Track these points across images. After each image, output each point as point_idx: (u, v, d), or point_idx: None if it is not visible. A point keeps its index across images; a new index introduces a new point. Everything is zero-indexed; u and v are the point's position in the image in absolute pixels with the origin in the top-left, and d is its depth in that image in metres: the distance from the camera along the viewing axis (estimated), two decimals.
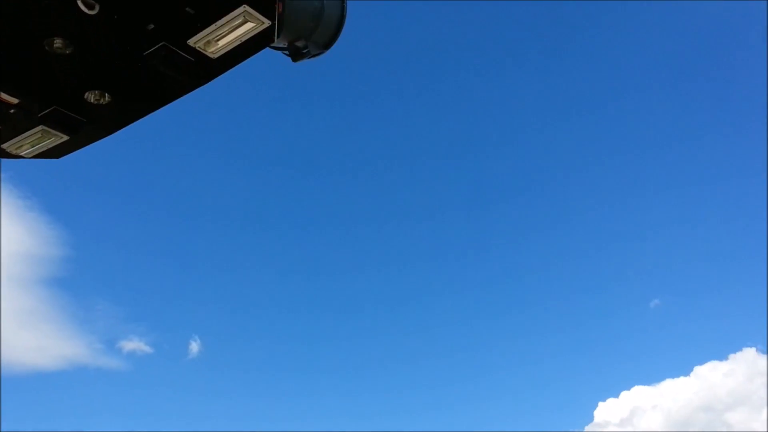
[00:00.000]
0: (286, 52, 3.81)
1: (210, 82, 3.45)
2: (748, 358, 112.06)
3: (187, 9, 3.22)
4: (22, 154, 3.61)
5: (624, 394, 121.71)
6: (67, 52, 3.20)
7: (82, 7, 3.11)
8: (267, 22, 3.36)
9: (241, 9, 3.20)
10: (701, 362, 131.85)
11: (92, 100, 3.32)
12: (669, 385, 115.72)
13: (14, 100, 3.33)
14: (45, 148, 3.58)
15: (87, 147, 3.89)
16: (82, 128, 3.52)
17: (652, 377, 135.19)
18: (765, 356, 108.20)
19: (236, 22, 3.25)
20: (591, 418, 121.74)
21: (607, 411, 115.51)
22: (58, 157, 3.72)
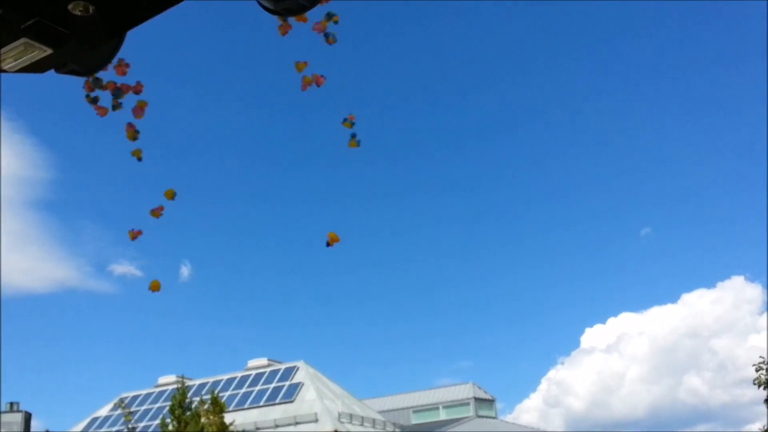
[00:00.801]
0: None
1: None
2: (736, 285, 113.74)
3: None
4: (5, 67, 3.51)
5: (611, 320, 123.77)
6: None
7: None
8: None
9: None
10: (689, 290, 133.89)
11: (77, 12, 3.22)
12: (656, 312, 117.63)
13: None
14: (28, 62, 3.49)
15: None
16: (66, 42, 3.43)
17: (639, 304, 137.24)
18: (753, 284, 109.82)
19: None
20: (578, 344, 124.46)
21: (593, 337, 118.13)
22: (41, 71, 3.63)
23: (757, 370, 10.28)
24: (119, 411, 39.11)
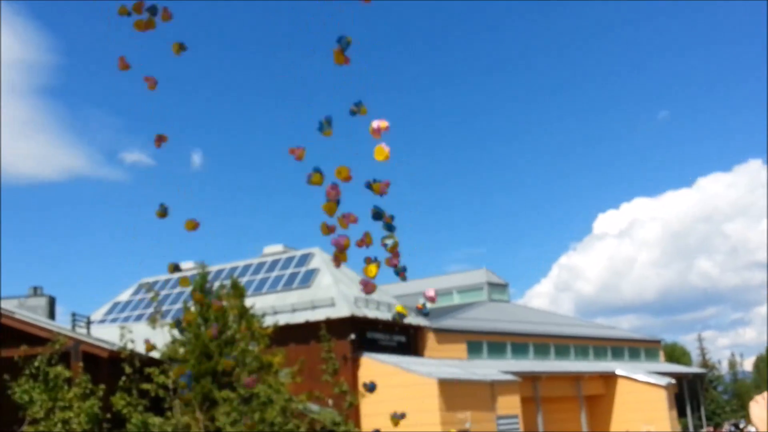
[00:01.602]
0: None
1: None
2: (752, 169, 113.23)
3: None
4: None
5: (624, 205, 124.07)
6: None
7: None
8: None
9: None
10: (705, 174, 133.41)
11: None
12: (670, 196, 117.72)
13: None
14: None
15: None
16: None
17: (653, 189, 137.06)
18: None
19: None
20: (590, 230, 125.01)
21: (606, 222, 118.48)
22: None
23: None
24: (140, 296, 40.02)
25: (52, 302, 28.15)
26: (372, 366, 31.41)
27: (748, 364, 65.21)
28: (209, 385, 17.02)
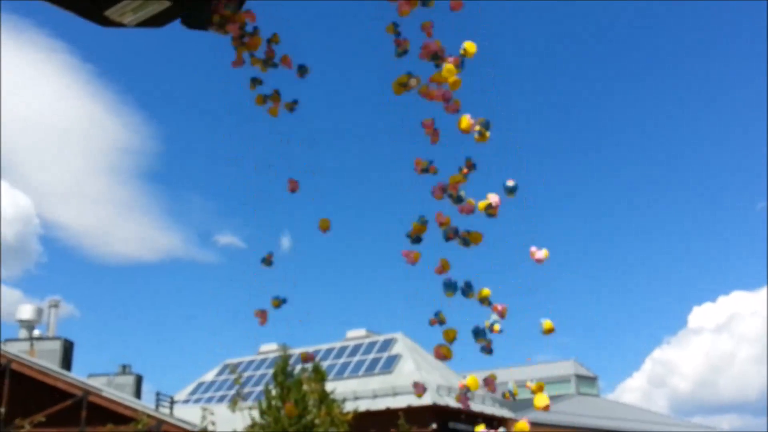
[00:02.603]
0: None
1: None
2: None
3: None
4: (125, 22, 3.41)
5: (721, 298, 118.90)
6: None
7: None
8: None
9: None
10: None
11: None
12: None
13: None
14: (147, 16, 3.40)
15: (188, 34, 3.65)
16: None
17: (752, 283, 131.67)
18: None
19: None
20: (685, 324, 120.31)
21: (702, 316, 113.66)
22: (161, 25, 3.53)
23: None
24: (224, 376, 40.38)
25: (139, 381, 28.70)
26: None
27: None
28: None
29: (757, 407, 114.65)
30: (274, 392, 19.77)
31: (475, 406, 33.48)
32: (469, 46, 3.45)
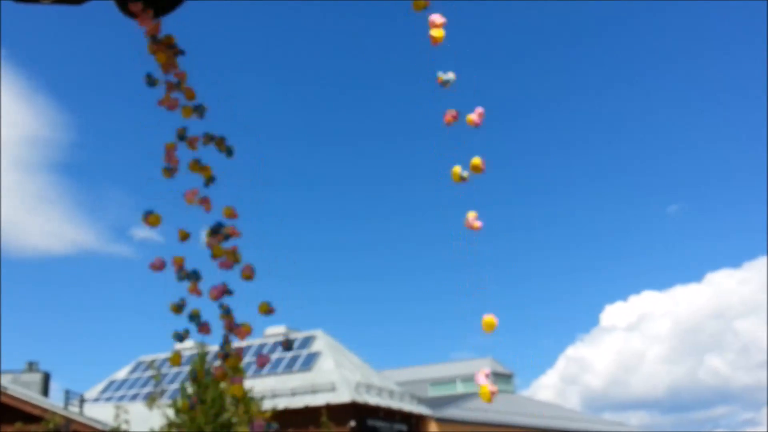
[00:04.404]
0: None
1: None
2: (762, 266, 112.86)
3: None
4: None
5: (632, 298, 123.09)
6: None
7: None
8: None
9: None
10: (714, 269, 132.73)
11: None
12: (680, 291, 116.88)
13: None
14: None
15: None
16: None
17: (662, 283, 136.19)
18: None
19: None
20: (597, 322, 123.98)
21: (614, 315, 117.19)
22: (79, 3, 3.29)
23: None
24: (137, 374, 39.30)
25: (46, 378, 27.61)
26: None
27: None
28: None
29: (665, 404, 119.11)
30: (190, 390, 19.30)
31: (394, 404, 33.56)
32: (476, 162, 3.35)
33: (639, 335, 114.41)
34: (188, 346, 39.46)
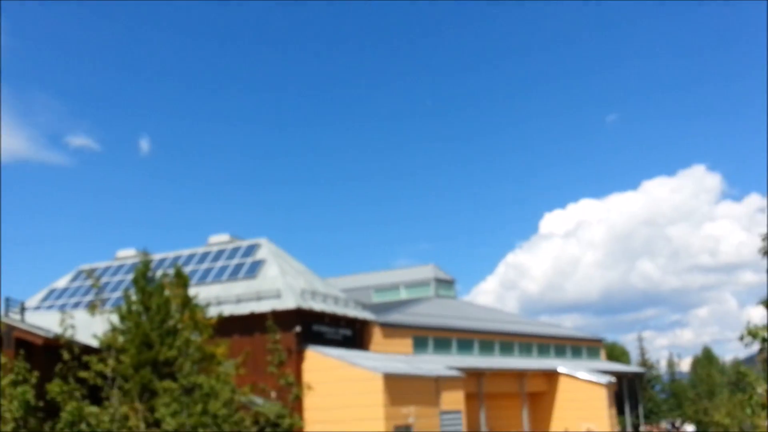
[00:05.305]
0: None
1: None
2: (696, 174, 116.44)
3: None
4: None
5: (571, 206, 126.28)
6: None
7: None
8: None
9: None
10: (650, 177, 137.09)
11: None
12: (616, 198, 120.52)
13: None
14: None
15: None
16: None
17: (600, 191, 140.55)
18: (712, 173, 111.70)
19: None
20: (536, 230, 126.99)
21: (552, 222, 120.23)
22: None
23: (763, 239, 10.24)
24: (78, 282, 38.90)
25: None
26: (317, 359, 31.07)
27: (685, 365, 66.73)
28: (149, 376, 16.48)
29: (598, 307, 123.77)
30: (134, 297, 19.18)
31: (338, 310, 34.05)
32: None
33: (576, 242, 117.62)
34: (131, 254, 39.15)
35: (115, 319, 18.37)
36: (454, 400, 33.81)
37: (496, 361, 42.38)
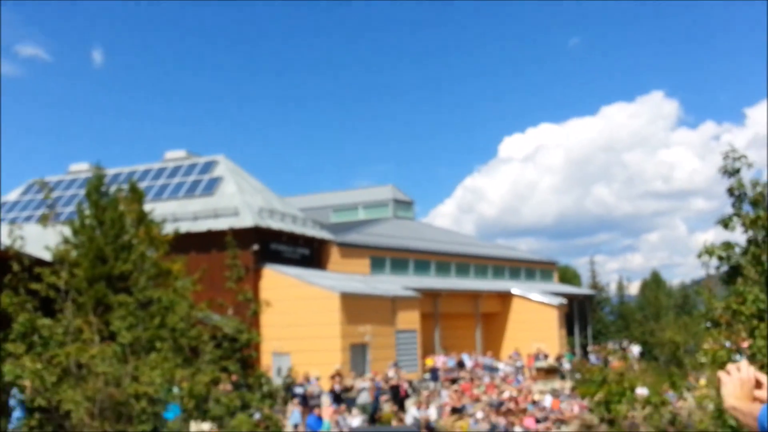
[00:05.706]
0: None
1: None
2: (654, 100, 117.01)
3: None
4: None
5: (530, 130, 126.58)
6: None
7: None
8: None
9: None
10: (609, 103, 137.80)
11: None
12: (575, 123, 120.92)
13: None
14: None
15: None
16: None
17: (559, 115, 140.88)
18: (670, 100, 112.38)
19: None
20: (495, 153, 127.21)
21: (511, 146, 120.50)
22: None
23: (724, 158, 10.24)
24: (30, 196, 38.01)
25: None
26: (274, 277, 31.09)
27: (633, 288, 68.53)
28: (103, 290, 16.26)
29: (553, 231, 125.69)
30: (88, 212, 18.77)
31: (296, 228, 33.93)
32: None
33: (533, 166, 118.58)
34: (85, 168, 38.22)
35: (68, 232, 17.99)
36: (409, 319, 34.28)
37: (451, 282, 42.95)
